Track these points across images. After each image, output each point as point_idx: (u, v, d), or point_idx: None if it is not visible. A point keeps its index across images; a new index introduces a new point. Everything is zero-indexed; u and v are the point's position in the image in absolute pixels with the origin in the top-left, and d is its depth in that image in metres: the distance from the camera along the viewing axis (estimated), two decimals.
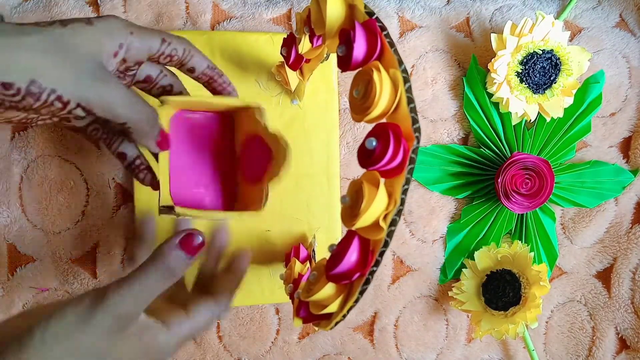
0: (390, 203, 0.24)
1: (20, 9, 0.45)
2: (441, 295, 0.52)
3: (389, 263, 0.51)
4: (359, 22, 0.25)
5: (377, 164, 0.23)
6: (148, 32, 0.31)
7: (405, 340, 0.51)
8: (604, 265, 0.53)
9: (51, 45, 0.28)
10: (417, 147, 0.23)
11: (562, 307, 0.54)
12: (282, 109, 0.46)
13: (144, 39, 0.31)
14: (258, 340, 0.49)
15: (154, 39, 0.31)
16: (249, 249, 0.36)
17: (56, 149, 0.46)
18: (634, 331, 0.53)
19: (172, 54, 0.33)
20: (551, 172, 0.47)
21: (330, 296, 0.27)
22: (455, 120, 0.51)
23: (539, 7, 0.52)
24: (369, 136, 0.24)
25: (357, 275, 0.25)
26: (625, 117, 0.53)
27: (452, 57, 0.51)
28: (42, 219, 0.46)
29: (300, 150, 0.47)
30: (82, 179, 0.46)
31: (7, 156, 0.45)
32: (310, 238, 0.47)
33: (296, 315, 0.30)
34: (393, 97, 0.24)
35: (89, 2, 0.46)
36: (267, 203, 0.35)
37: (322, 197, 0.47)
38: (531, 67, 0.47)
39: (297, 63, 0.37)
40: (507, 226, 0.51)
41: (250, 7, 0.48)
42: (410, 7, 0.50)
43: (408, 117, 0.23)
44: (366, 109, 0.24)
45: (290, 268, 0.40)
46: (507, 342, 0.53)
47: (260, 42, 0.46)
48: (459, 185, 0.51)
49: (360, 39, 0.25)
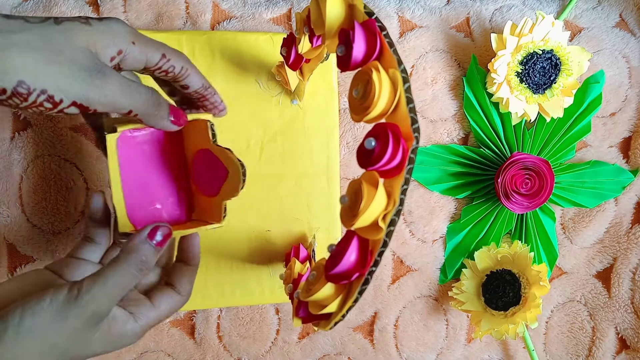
0: (389, 203, 0.24)
1: (20, 9, 0.45)
2: (441, 295, 0.52)
3: (389, 263, 0.51)
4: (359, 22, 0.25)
5: (376, 164, 0.23)
6: (150, 45, 0.30)
7: (405, 340, 0.51)
8: (604, 265, 0.53)
9: (42, 43, 0.26)
10: (416, 147, 0.23)
11: (562, 307, 0.54)
12: (282, 109, 0.46)
13: (145, 51, 0.30)
14: (258, 340, 0.49)
15: (154, 53, 0.31)
16: (196, 232, 0.36)
17: (56, 149, 0.46)
18: (634, 331, 0.53)
19: (169, 70, 0.32)
20: (551, 172, 0.47)
21: (330, 296, 0.27)
22: (455, 120, 0.51)
23: (539, 7, 0.52)
24: (368, 136, 0.24)
25: (356, 276, 0.25)
26: (625, 117, 0.53)
27: (452, 57, 0.51)
28: (42, 219, 0.46)
29: (300, 150, 0.47)
30: (82, 179, 0.46)
31: (7, 156, 0.45)
32: (310, 238, 0.47)
33: (295, 315, 0.30)
34: (392, 97, 0.24)
35: (89, 2, 0.46)
36: (226, 217, 0.36)
37: (322, 197, 0.47)
38: (531, 67, 0.47)
39: (297, 63, 0.37)
40: (507, 226, 0.51)
41: (250, 7, 0.48)
42: (410, 7, 0.50)
43: (407, 117, 0.23)
44: (365, 109, 0.24)
45: (290, 268, 0.40)
46: (507, 342, 0.53)
47: (260, 42, 0.46)
48: (459, 185, 0.51)
49: (360, 39, 0.25)
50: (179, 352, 0.48)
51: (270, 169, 0.46)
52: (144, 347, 0.48)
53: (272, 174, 0.46)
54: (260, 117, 0.46)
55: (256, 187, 0.46)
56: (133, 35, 0.30)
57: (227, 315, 0.48)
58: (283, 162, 0.47)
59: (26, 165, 0.45)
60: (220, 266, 0.46)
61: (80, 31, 0.28)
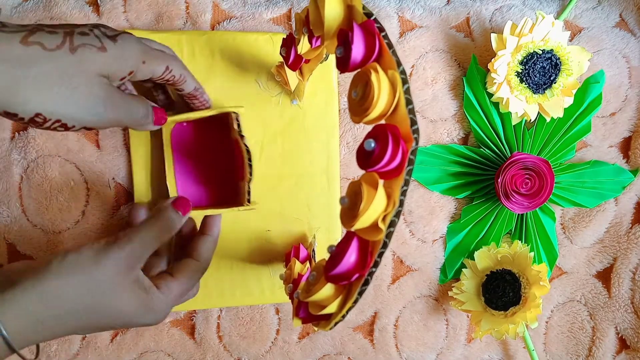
0: (389, 204, 0.24)
1: (20, 9, 0.45)
2: (441, 295, 0.52)
3: (389, 263, 0.51)
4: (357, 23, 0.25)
5: (376, 165, 0.23)
6: (157, 60, 0.33)
7: (405, 340, 0.52)
8: (604, 265, 0.53)
9: (59, 77, 0.28)
10: (415, 148, 0.23)
11: (562, 307, 0.54)
12: (282, 109, 0.46)
13: (152, 66, 0.33)
14: (258, 340, 0.49)
15: (160, 66, 0.33)
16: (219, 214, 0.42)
17: (56, 149, 0.46)
18: (634, 331, 0.53)
19: (170, 78, 0.35)
20: (551, 172, 0.47)
21: (329, 297, 0.27)
22: (455, 120, 0.51)
23: (539, 7, 0.52)
24: (368, 137, 0.24)
25: (356, 276, 0.25)
26: (625, 117, 0.53)
27: (452, 57, 0.51)
28: (42, 219, 0.46)
29: (300, 150, 0.47)
30: (82, 179, 0.46)
31: (7, 156, 0.45)
32: (310, 238, 0.47)
33: (295, 316, 0.30)
34: (391, 98, 0.24)
35: (89, 2, 0.46)
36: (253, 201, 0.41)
37: (322, 197, 0.47)
38: (531, 67, 0.47)
39: (297, 63, 0.37)
40: (507, 226, 0.51)
41: (250, 7, 0.48)
42: (410, 7, 0.50)
43: (407, 118, 0.23)
44: (365, 110, 0.24)
45: (290, 268, 0.40)
46: (507, 342, 0.53)
47: (260, 42, 0.46)
48: (459, 185, 0.51)
49: (359, 40, 0.25)
50: (179, 352, 0.48)
51: (270, 169, 0.46)
52: (144, 347, 0.48)
53: (272, 174, 0.46)
54: (260, 117, 0.46)
55: (256, 187, 0.46)
56: (143, 54, 0.32)
57: (227, 315, 0.48)
58: (283, 162, 0.47)
59: (26, 165, 0.45)
60: (220, 266, 0.46)
61: (95, 60, 0.30)
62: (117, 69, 0.30)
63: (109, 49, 0.30)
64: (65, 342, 0.47)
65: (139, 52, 0.31)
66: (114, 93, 0.31)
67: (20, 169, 0.45)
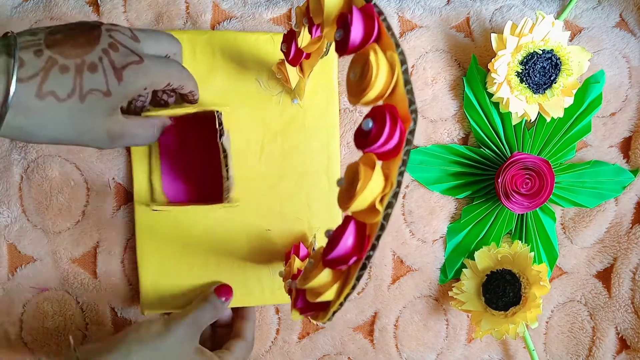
0: (386, 185, 0.24)
1: (20, 9, 0.45)
2: (441, 295, 0.52)
3: (389, 263, 0.51)
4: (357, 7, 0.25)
5: (373, 145, 0.23)
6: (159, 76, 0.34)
7: (406, 340, 0.51)
8: (604, 265, 0.53)
9: (71, 124, 0.31)
10: (413, 128, 0.23)
11: (562, 307, 0.54)
12: (283, 108, 0.46)
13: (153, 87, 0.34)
14: (258, 340, 0.49)
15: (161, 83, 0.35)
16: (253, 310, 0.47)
17: (56, 149, 0.46)
18: (634, 331, 0.53)
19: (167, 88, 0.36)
20: (551, 172, 0.47)
21: (327, 283, 0.26)
22: (455, 120, 0.51)
23: (539, 7, 0.52)
24: (366, 118, 0.24)
25: (354, 260, 0.25)
26: (625, 117, 0.53)
27: (452, 57, 0.51)
28: (42, 219, 0.46)
29: (300, 150, 0.47)
30: (82, 179, 0.46)
31: (7, 156, 0.45)
32: (310, 237, 0.47)
33: (293, 306, 0.30)
34: (390, 78, 0.24)
35: (89, 2, 0.46)
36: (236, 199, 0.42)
37: (322, 197, 0.47)
38: (531, 67, 0.47)
39: (297, 58, 0.37)
40: (507, 226, 0.51)
41: (251, 7, 0.48)
42: (410, 7, 0.50)
43: (405, 98, 0.23)
44: (363, 90, 0.24)
45: (289, 265, 0.40)
46: (507, 342, 0.53)
47: (261, 41, 0.46)
48: (459, 185, 0.51)
49: (358, 21, 0.24)
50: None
51: (271, 168, 0.46)
52: None
53: (272, 174, 0.46)
54: (261, 116, 0.46)
55: (256, 187, 0.46)
56: (148, 83, 0.33)
57: None
58: (283, 161, 0.47)
59: (26, 165, 0.45)
60: (220, 266, 0.46)
61: (102, 105, 0.31)
62: (122, 101, 0.33)
63: (113, 93, 0.31)
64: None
65: (143, 84, 0.33)
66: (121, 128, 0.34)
67: (20, 169, 0.45)
